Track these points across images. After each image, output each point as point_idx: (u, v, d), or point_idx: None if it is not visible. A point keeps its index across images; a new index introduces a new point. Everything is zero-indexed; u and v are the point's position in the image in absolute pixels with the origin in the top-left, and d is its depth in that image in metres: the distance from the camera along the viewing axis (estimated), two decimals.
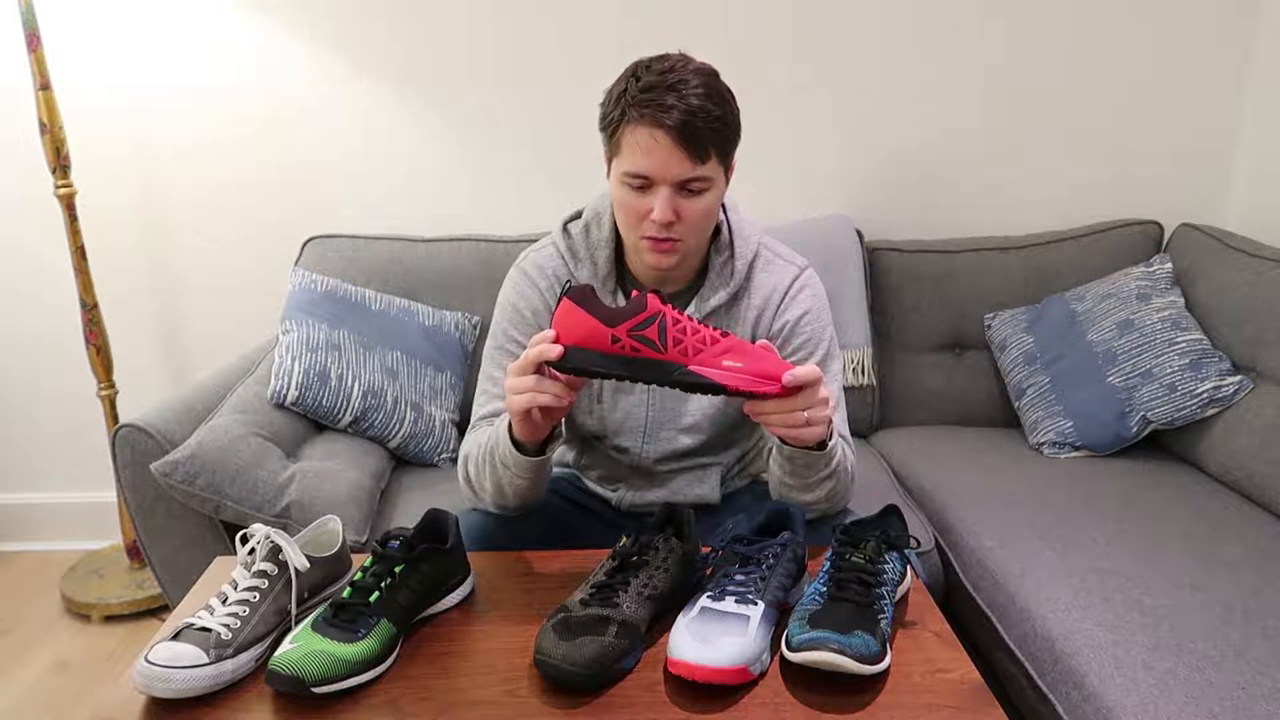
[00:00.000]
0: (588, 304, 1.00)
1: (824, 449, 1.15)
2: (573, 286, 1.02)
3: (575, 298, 1.00)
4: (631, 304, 1.00)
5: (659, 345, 1.00)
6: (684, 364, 1.00)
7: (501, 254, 2.05)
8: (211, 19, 2.13)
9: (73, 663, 2.01)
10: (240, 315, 2.29)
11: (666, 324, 1.00)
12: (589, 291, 1.01)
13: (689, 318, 1.02)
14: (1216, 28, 2.16)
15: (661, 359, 1.00)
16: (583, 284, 1.03)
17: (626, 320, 0.99)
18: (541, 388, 1.03)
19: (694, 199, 1.19)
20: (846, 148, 2.24)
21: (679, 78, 1.14)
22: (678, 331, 1.00)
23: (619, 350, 1.00)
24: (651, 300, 1.00)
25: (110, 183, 2.21)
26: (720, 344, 1.01)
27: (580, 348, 1.00)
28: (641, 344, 1.00)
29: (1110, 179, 2.25)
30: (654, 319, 1.00)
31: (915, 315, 2.13)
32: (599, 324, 0.99)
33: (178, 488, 1.46)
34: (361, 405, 1.81)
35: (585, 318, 1.00)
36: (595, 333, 0.99)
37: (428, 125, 2.21)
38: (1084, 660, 1.26)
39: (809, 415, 1.04)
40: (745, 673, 0.94)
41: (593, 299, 1.01)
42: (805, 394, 1.04)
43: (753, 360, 1.02)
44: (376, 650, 0.96)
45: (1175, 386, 1.83)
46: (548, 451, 1.16)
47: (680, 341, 1.00)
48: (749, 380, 1.01)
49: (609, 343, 0.99)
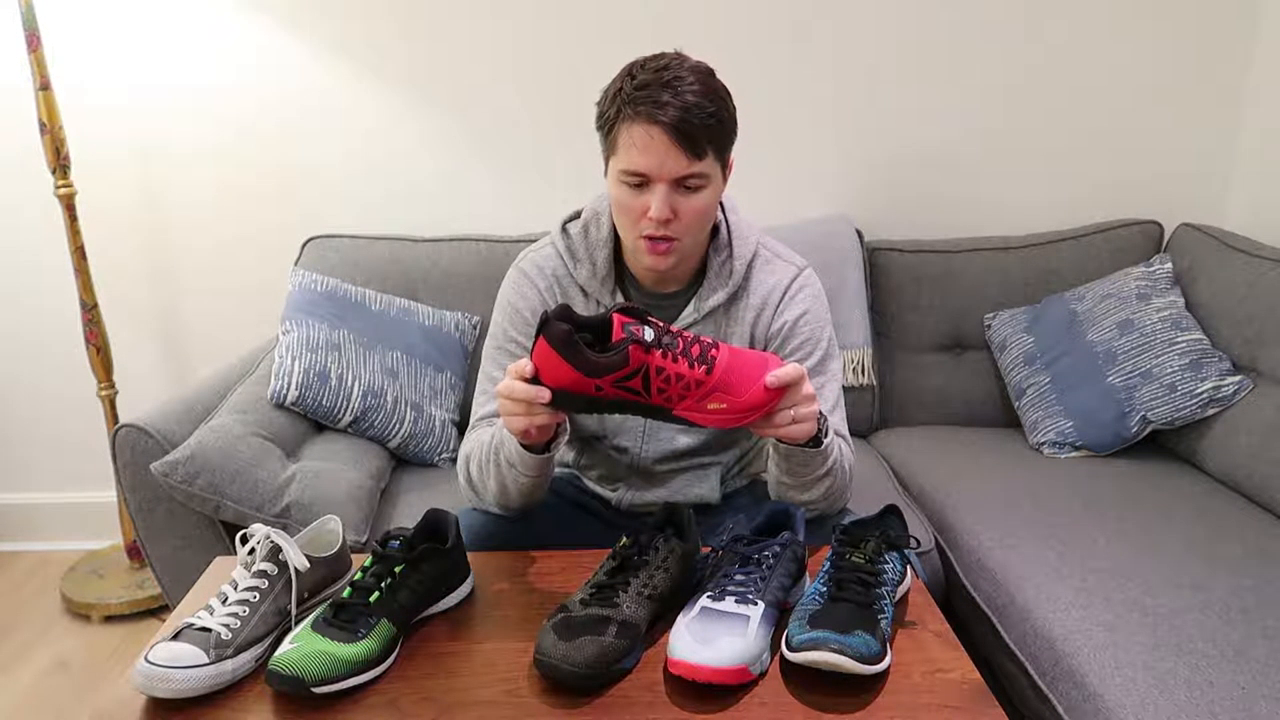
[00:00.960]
0: (567, 352, 0.97)
1: (819, 446, 1.15)
2: (549, 322, 0.99)
3: (554, 342, 0.98)
4: (615, 354, 0.98)
5: (643, 394, 1.00)
6: (669, 409, 1.01)
7: (501, 254, 2.05)
8: (212, 19, 2.13)
9: (73, 663, 2.01)
10: (240, 315, 2.29)
11: (650, 376, 0.99)
12: (568, 334, 0.97)
13: (673, 353, 0.99)
14: (1216, 28, 2.16)
15: (647, 404, 1.01)
16: (559, 319, 0.99)
17: (609, 374, 0.98)
18: (534, 413, 1.03)
19: (691, 196, 1.19)
20: (846, 148, 2.24)
21: (674, 75, 1.14)
22: (661, 381, 0.99)
23: (603, 396, 0.99)
24: (634, 353, 0.97)
25: (110, 183, 2.21)
26: (706, 385, 1.00)
27: (565, 391, 0.99)
28: (626, 393, 0.99)
29: (1110, 179, 2.25)
30: (636, 372, 0.98)
31: (915, 315, 2.13)
32: (580, 376, 0.98)
33: (178, 488, 1.46)
34: (361, 405, 1.81)
35: (566, 368, 0.98)
36: (578, 383, 0.99)
37: (428, 125, 2.21)
38: (1084, 660, 1.26)
39: (795, 414, 1.05)
40: (745, 673, 0.94)
41: (570, 345, 0.97)
42: (789, 393, 1.04)
43: (739, 391, 1.01)
44: (376, 650, 0.96)
45: (1175, 386, 1.83)
46: (553, 449, 1.16)
47: (665, 390, 1.00)
48: (731, 419, 1.02)
49: (593, 390, 0.99)
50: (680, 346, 1.00)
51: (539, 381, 1.00)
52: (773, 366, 1.04)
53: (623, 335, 0.98)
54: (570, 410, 1.02)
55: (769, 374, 1.02)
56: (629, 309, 1.01)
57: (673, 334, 1.01)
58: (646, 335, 0.99)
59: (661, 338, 1.00)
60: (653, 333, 0.99)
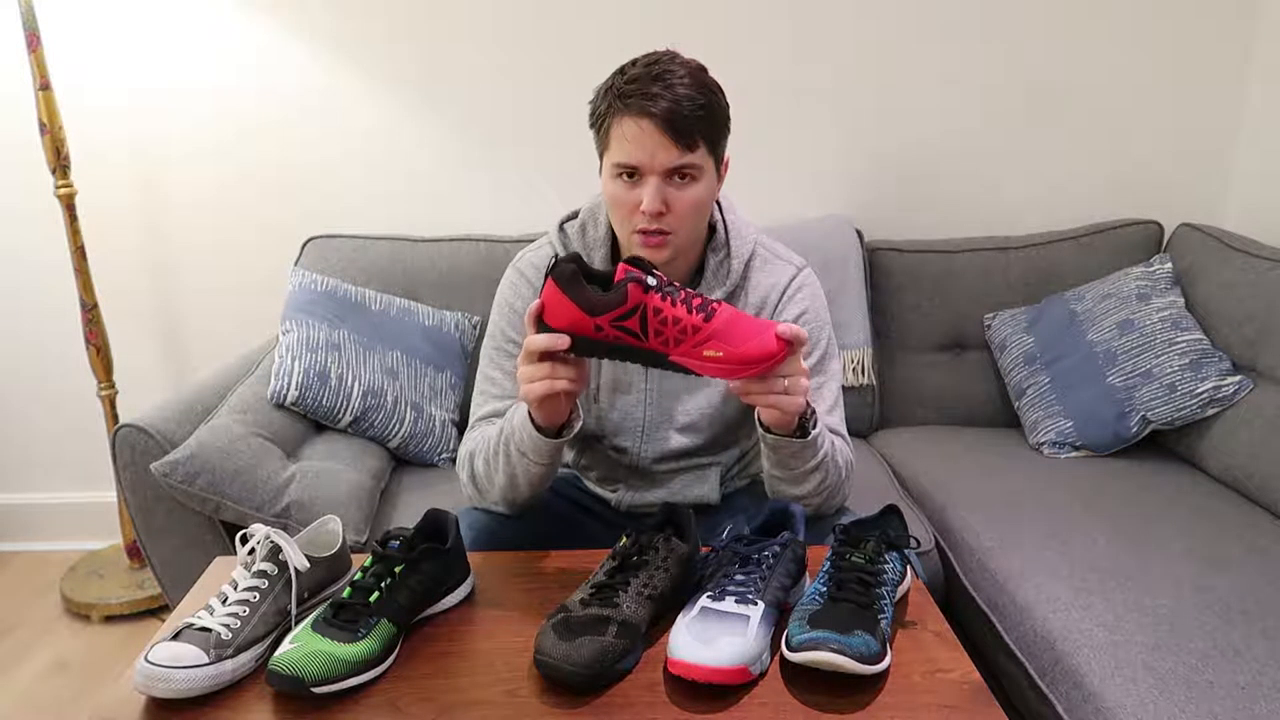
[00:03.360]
0: (571, 289, 1.01)
1: (806, 436, 1.15)
2: (559, 263, 1.02)
3: (560, 281, 1.01)
4: (614, 293, 1.01)
5: (640, 335, 1.02)
6: (665, 354, 1.03)
7: (501, 254, 2.05)
8: (212, 19, 2.13)
9: (73, 663, 2.01)
10: (240, 315, 2.29)
11: (648, 315, 1.01)
12: (574, 273, 1.01)
13: (672, 298, 1.02)
14: (1216, 28, 2.16)
15: (644, 348, 1.03)
16: (568, 260, 1.02)
17: (608, 312, 1.01)
18: (557, 373, 1.05)
19: (684, 189, 1.19)
20: (846, 147, 2.24)
21: (664, 69, 1.16)
22: (659, 323, 1.01)
23: (603, 338, 1.02)
24: (633, 291, 1.00)
25: (110, 183, 2.21)
26: (703, 331, 1.02)
27: (571, 333, 1.02)
28: (624, 334, 1.02)
29: (1110, 179, 2.25)
30: (635, 311, 1.01)
31: (915, 315, 2.13)
32: (582, 313, 1.01)
33: (178, 488, 1.46)
34: (361, 405, 1.81)
35: (569, 305, 1.01)
36: (579, 321, 1.01)
37: (428, 125, 2.21)
38: (1084, 660, 1.26)
39: (788, 383, 1.06)
40: (745, 673, 0.94)
41: (575, 283, 1.01)
42: (788, 361, 1.05)
43: (737, 342, 1.02)
44: (376, 650, 0.96)
45: (1175, 386, 1.83)
46: (565, 434, 1.16)
47: (661, 333, 1.02)
48: (727, 370, 1.03)
49: (593, 330, 1.02)
50: (682, 296, 1.03)
51: (548, 328, 1.03)
52: (764, 333, 1.05)
53: (624, 277, 1.01)
54: (586, 354, 1.05)
55: (781, 326, 1.03)
56: (636, 261, 1.04)
57: (676, 287, 1.03)
58: (649, 281, 1.02)
59: (663, 286, 1.02)
60: (655, 280, 1.02)
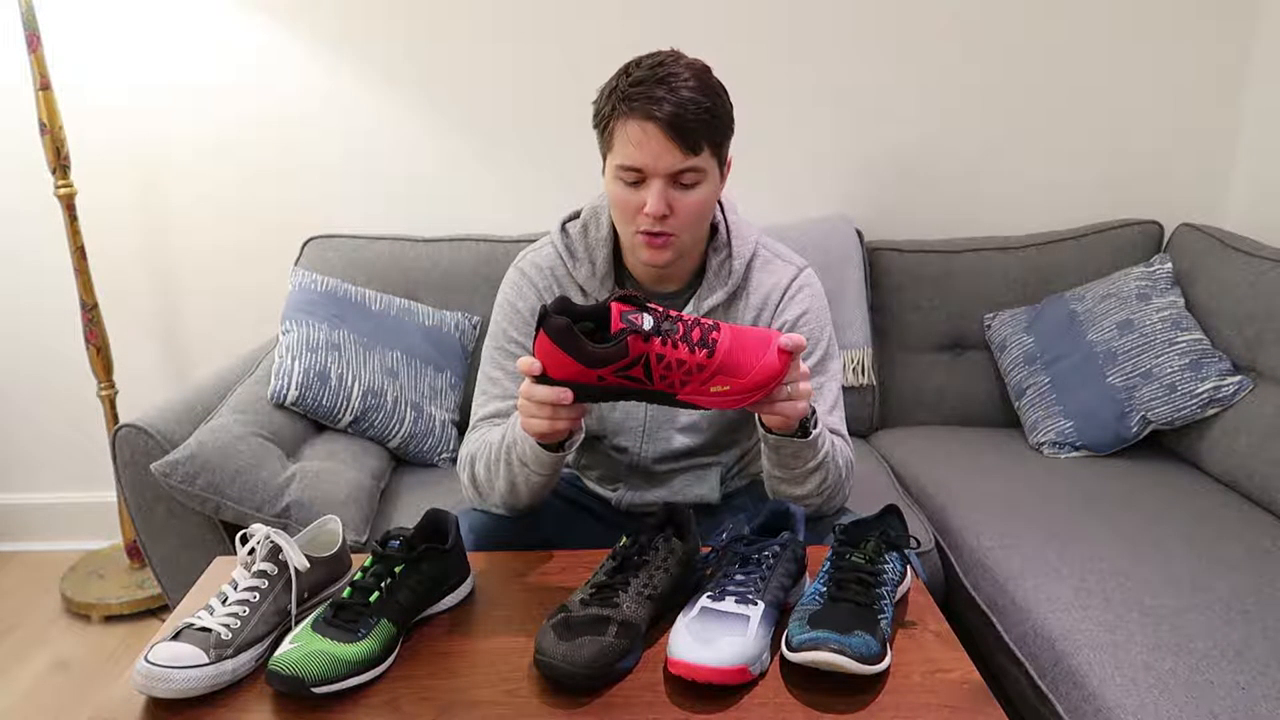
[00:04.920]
0: (567, 344, 0.98)
1: (807, 436, 1.15)
2: (547, 316, 0.99)
3: (553, 335, 0.98)
4: (613, 346, 0.98)
5: (646, 381, 1.00)
6: (673, 394, 1.01)
7: (501, 254, 2.05)
8: (212, 19, 2.13)
9: (73, 663, 2.01)
10: (240, 315, 2.29)
11: (651, 364, 0.99)
12: (567, 326, 0.97)
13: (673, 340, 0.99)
14: (1216, 28, 2.16)
15: (651, 390, 1.01)
16: (557, 311, 0.99)
17: (610, 364, 0.98)
18: (558, 414, 1.03)
19: (687, 192, 1.19)
20: (846, 148, 2.24)
21: (669, 71, 1.15)
22: (663, 369, 0.99)
23: (606, 385, 1.00)
24: (633, 344, 0.97)
25: (110, 183, 2.21)
26: (708, 369, 1.00)
27: (571, 383, 1.00)
28: (629, 381, 0.99)
29: (1110, 179, 2.25)
30: (637, 362, 0.98)
31: (915, 315, 2.13)
32: (582, 367, 0.98)
33: (178, 488, 1.46)
34: (361, 405, 1.81)
35: (567, 360, 0.98)
36: (581, 374, 0.99)
37: (428, 125, 2.21)
38: (1084, 660, 1.26)
39: (791, 390, 1.05)
40: (745, 673, 0.94)
41: (570, 337, 0.98)
42: (790, 368, 1.04)
43: (743, 372, 1.01)
44: (376, 650, 0.96)
45: (1175, 386, 1.83)
46: (568, 448, 1.16)
47: (667, 377, 1.00)
48: (735, 400, 1.01)
49: (595, 380, 0.99)
50: (680, 331, 1.00)
51: (548, 379, 1.01)
52: (776, 341, 1.04)
53: (621, 325, 0.98)
54: (583, 401, 1.03)
55: (783, 337, 1.02)
56: (627, 296, 1.01)
57: (672, 319, 1.01)
58: (645, 324, 0.98)
59: (661, 324, 1.00)
60: (651, 320, 0.99)
